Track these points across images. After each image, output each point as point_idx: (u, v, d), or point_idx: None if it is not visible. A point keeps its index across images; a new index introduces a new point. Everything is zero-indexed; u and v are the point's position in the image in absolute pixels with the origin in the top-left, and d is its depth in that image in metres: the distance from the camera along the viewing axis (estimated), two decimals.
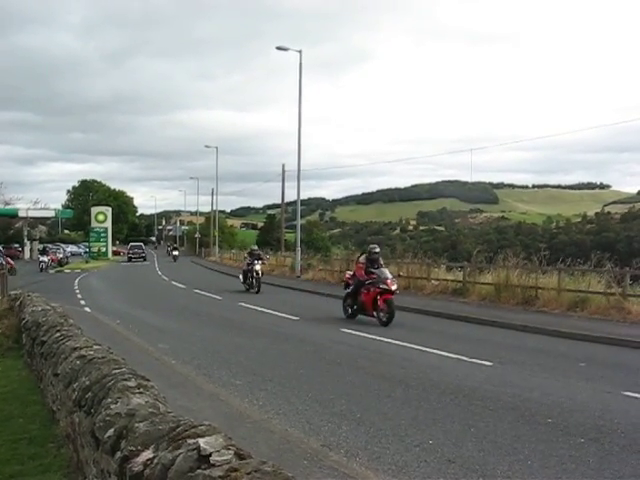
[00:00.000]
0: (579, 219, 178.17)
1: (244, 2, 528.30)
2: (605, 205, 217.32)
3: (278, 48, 35.18)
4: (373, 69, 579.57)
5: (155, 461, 2.82)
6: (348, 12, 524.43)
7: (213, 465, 2.51)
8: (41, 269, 44.85)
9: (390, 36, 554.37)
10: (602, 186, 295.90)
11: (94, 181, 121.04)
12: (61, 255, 59.01)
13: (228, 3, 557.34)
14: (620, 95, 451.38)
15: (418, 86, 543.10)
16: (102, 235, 79.01)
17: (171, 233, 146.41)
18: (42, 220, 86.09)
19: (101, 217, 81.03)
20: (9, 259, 42.82)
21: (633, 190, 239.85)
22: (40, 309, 10.36)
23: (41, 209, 75.94)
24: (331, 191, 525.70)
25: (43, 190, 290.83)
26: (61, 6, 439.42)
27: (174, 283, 35.16)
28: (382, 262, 18.16)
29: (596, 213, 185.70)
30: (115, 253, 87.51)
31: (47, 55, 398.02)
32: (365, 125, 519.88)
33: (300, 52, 35.37)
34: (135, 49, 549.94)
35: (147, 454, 2.96)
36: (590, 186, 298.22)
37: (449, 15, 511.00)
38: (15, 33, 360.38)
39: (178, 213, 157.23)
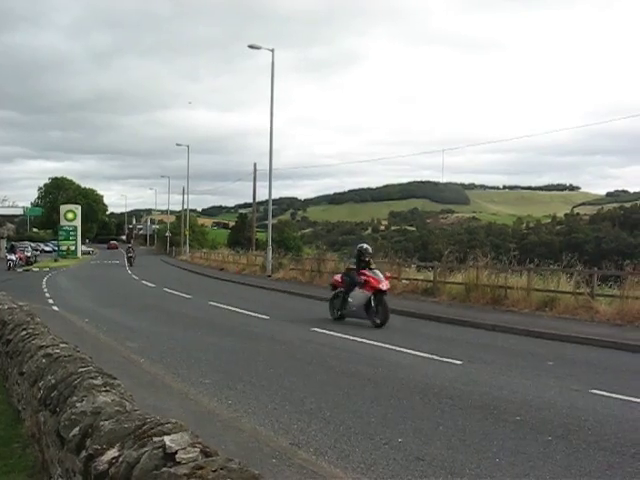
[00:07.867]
0: (549, 220, 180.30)
1: (236, 5, 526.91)
2: (574, 206, 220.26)
3: (250, 46, 35.34)
4: (360, 72, 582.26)
5: (120, 459, 2.78)
6: (339, 17, 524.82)
7: (179, 463, 2.48)
8: (9, 267, 44.17)
9: (379, 41, 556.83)
10: (572, 188, 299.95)
11: (64, 179, 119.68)
12: (29, 253, 58.30)
13: (220, 6, 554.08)
14: (593, 99, 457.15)
15: (401, 89, 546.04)
16: (71, 233, 78.24)
17: (141, 232, 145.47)
18: (10, 218, 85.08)
19: (70, 215, 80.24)
20: None
21: (603, 192, 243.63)
22: (6, 307, 10.18)
23: (9, 207, 75.21)
24: (307, 191, 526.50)
25: (17, 187, 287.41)
26: (53, 6, 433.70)
27: (144, 282, 34.90)
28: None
29: (565, 214, 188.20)
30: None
31: (33, 54, 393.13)
32: (348, 126, 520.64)
33: (272, 51, 35.36)
34: (124, 49, 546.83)
35: (112, 452, 2.92)
36: (560, 188, 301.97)
37: (431, 22, 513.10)
38: (5, 32, 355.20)
39: (149, 212, 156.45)
